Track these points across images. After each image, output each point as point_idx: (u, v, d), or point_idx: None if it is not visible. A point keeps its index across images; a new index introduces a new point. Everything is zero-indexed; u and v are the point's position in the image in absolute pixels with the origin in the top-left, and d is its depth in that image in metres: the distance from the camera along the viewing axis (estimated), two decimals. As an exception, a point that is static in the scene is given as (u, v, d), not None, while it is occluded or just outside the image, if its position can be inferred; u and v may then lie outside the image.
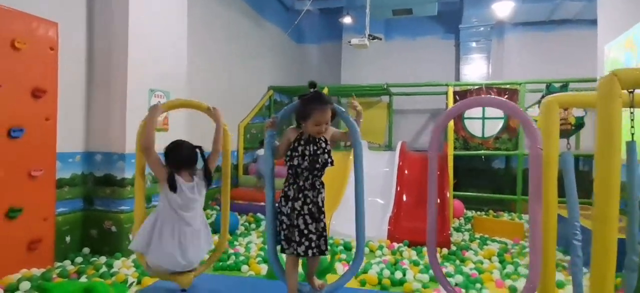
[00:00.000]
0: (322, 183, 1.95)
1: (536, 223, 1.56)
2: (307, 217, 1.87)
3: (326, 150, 1.92)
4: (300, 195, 1.89)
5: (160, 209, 2.12)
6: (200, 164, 2.27)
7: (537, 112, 6.26)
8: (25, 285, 2.73)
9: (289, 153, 1.94)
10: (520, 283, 3.03)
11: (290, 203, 1.90)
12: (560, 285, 2.98)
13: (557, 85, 6.06)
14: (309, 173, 1.90)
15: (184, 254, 2.07)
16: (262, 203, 5.64)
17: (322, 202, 1.93)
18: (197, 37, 5.26)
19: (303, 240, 1.86)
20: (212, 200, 5.76)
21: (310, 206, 1.88)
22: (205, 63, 5.56)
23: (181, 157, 2.19)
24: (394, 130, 7.61)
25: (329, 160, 1.90)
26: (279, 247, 1.96)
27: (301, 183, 1.90)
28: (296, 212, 1.88)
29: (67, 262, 3.35)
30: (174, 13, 4.16)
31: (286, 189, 1.95)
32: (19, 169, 3.01)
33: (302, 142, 1.94)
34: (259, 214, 5.33)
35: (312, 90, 1.92)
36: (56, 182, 3.35)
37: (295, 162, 1.91)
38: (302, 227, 1.87)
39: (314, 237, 1.87)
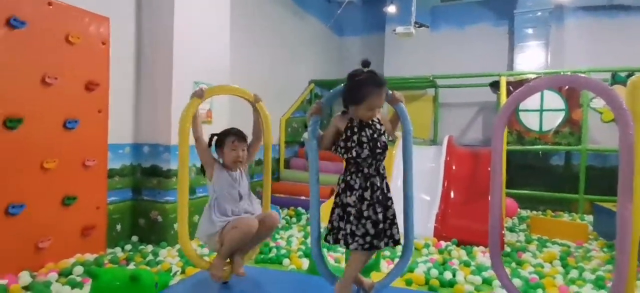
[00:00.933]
0: (384, 168, 1.77)
1: (625, 221, 1.32)
2: (376, 205, 1.69)
3: (382, 131, 1.75)
4: (368, 184, 1.70)
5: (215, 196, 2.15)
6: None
7: (601, 103, 5.71)
8: (79, 269, 2.84)
9: (342, 144, 1.76)
10: (587, 290, 2.72)
11: (356, 193, 1.71)
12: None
13: (623, 74, 5.49)
14: (372, 160, 1.72)
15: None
16: (304, 197, 5.67)
17: (388, 187, 1.75)
18: (239, 30, 5.28)
19: (376, 230, 1.68)
20: (254, 192, 5.79)
21: (378, 194, 1.70)
22: (247, 57, 5.58)
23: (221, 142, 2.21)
24: (440, 124, 7.25)
25: (386, 141, 1.74)
26: (338, 243, 1.76)
27: (366, 171, 1.72)
28: (366, 202, 1.69)
29: (118, 249, 3.47)
30: (217, 6, 4.19)
31: (348, 179, 1.75)
32: (74, 159, 3.15)
33: (355, 129, 1.75)
34: (300, 208, 5.28)
35: (365, 69, 1.71)
36: (107, 172, 3.47)
37: (354, 153, 1.72)
38: (374, 217, 1.68)
39: (386, 226, 1.71)
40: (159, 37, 3.74)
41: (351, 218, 1.70)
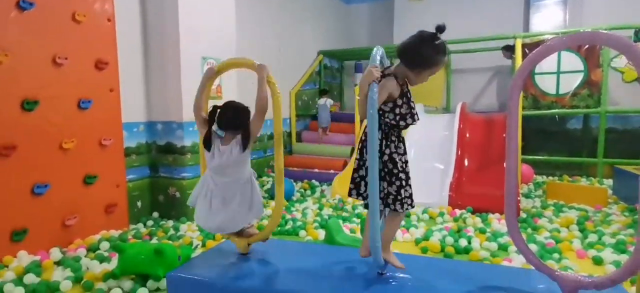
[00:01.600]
0: None
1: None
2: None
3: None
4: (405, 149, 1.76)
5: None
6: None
7: (622, 63, 5.48)
8: (105, 245, 2.96)
9: (399, 110, 1.68)
10: (606, 254, 2.70)
11: (405, 157, 1.73)
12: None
13: (649, 30, 5.23)
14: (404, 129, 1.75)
15: (212, 218, 1.98)
16: (317, 170, 5.71)
17: None
18: (245, 3, 5.19)
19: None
20: (268, 167, 5.85)
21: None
22: (255, 30, 5.50)
23: (220, 116, 2.03)
24: (452, 91, 7.11)
25: None
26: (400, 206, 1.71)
27: (401, 136, 1.75)
28: (408, 165, 1.74)
29: (141, 225, 3.59)
30: (222, -22, 4.10)
31: (396, 143, 1.72)
32: (91, 138, 3.21)
33: (409, 95, 1.72)
34: (313, 181, 5.32)
35: (439, 34, 1.64)
36: (124, 150, 3.54)
37: (410, 120, 1.69)
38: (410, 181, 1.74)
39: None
40: (164, 12, 3.70)
41: (402, 181, 1.69)
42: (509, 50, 5.99)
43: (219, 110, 2.05)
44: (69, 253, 2.83)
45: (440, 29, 1.64)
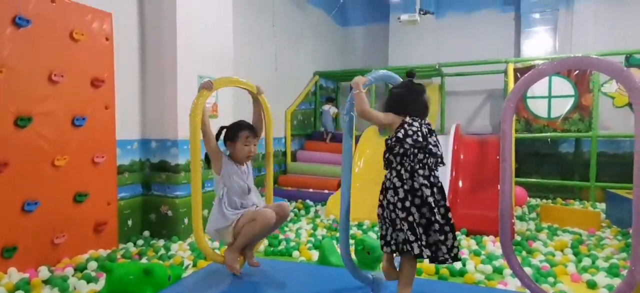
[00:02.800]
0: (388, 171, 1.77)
1: (643, 209, 1.30)
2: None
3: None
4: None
5: (224, 189, 2.14)
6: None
7: (612, 88, 5.60)
8: (93, 264, 2.89)
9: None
10: (600, 278, 2.69)
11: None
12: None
13: (638, 56, 5.37)
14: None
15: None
16: (311, 190, 5.69)
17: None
18: (242, 23, 5.26)
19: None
20: (262, 186, 5.81)
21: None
22: (251, 50, 5.56)
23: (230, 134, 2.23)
24: (446, 113, 7.19)
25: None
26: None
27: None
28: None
29: (130, 244, 3.52)
30: (219, 1, 4.17)
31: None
32: (84, 156, 3.17)
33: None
34: (308, 201, 5.29)
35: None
36: (117, 168, 3.50)
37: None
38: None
39: None
40: (162, 31, 3.74)
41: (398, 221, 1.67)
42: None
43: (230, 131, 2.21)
44: (56, 272, 2.76)
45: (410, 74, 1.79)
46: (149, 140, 3.86)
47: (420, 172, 1.64)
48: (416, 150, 1.64)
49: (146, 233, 3.80)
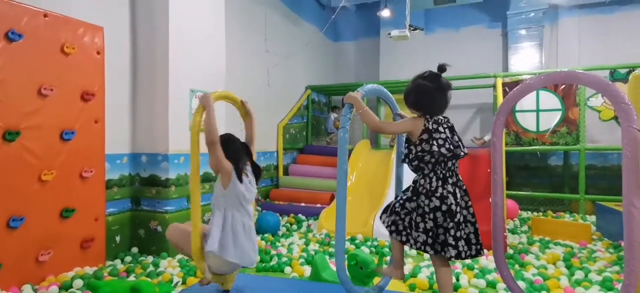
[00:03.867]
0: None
1: (633, 220, 1.31)
2: None
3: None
4: None
5: (226, 205, 2.00)
6: None
7: (598, 102, 5.72)
8: (79, 282, 2.81)
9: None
10: (593, 292, 2.69)
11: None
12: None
13: (623, 71, 5.52)
14: None
15: (254, 248, 2.03)
16: (303, 204, 5.65)
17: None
18: (235, 38, 5.29)
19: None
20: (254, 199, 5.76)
21: None
22: (243, 64, 5.58)
23: (238, 149, 2.10)
24: (438, 127, 7.24)
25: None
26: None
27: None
28: None
29: (118, 261, 3.43)
30: (212, 15, 4.19)
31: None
32: (72, 170, 3.11)
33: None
34: (300, 215, 5.25)
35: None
36: (106, 183, 3.44)
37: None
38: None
39: None
40: (154, 45, 3.73)
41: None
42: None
43: (229, 141, 2.12)
44: (41, 291, 2.68)
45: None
46: (139, 154, 3.81)
47: (451, 179, 1.72)
48: (446, 159, 1.68)
49: (134, 249, 3.71)
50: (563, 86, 5.62)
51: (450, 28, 7.88)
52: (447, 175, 1.67)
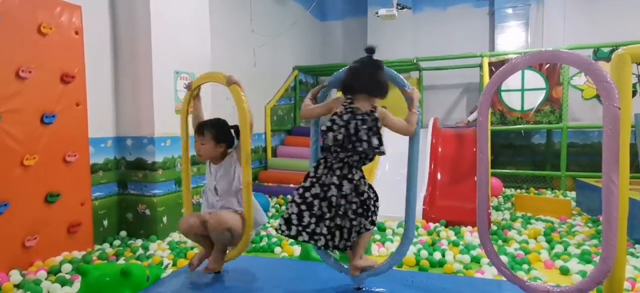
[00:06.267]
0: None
1: (612, 195, 1.36)
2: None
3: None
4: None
5: (240, 185, 2.07)
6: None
7: (581, 81, 5.83)
8: (67, 267, 2.80)
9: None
10: (572, 264, 2.81)
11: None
12: None
13: (606, 50, 5.61)
14: None
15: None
16: (292, 185, 5.67)
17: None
18: (220, 17, 5.16)
19: None
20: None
21: None
22: (229, 45, 5.48)
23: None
24: (425, 107, 7.30)
25: None
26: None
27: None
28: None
29: (106, 245, 3.42)
30: (196, -7, 4.07)
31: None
32: (55, 155, 3.05)
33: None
34: (289, 196, 5.27)
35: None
36: (90, 167, 3.39)
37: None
38: None
39: None
40: (135, 26, 3.62)
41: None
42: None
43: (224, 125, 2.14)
44: (29, 276, 2.66)
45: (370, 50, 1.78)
46: (124, 138, 3.75)
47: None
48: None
49: (123, 233, 3.70)
50: (547, 65, 5.69)
51: (438, 7, 7.84)
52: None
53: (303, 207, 1.70)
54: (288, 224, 1.72)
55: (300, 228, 1.70)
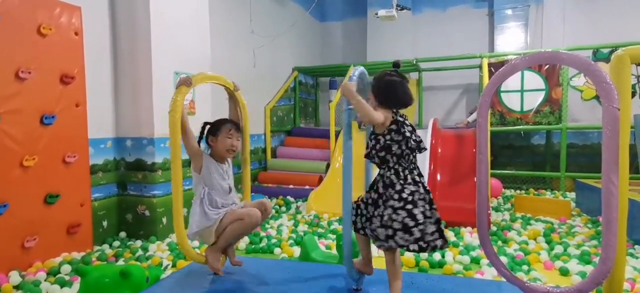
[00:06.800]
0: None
1: (611, 196, 1.35)
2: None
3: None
4: None
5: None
6: None
7: (580, 81, 5.84)
8: (66, 268, 2.79)
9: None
10: (572, 265, 2.81)
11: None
12: None
13: (605, 50, 5.62)
14: None
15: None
16: (292, 186, 5.67)
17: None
18: (219, 18, 5.17)
19: None
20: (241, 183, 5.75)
21: None
22: (229, 45, 5.48)
23: None
24: (424, 107, 7.31)
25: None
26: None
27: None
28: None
29: (106, 246, 3.41)
30: (196, -6, 4.08)
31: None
32: (54, 155, 3.05)
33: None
34: (288, 197, 5.27)
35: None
36: (90, 168, 3.38)
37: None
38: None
39: None
40: (135, 26, 3.61)
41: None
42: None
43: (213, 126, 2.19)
44: (28, 277, 2.65)
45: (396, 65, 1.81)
46: (124, 139, 3.74)
47: (415, 172, 1.73)
48: (413, 153, 1.71)
49: (122, 234, 3.69)
50: (547, 66, 5.70)
51: (437, 8, 7.85)
52: (412, 167, 1.70)
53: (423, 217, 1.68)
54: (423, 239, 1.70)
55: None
